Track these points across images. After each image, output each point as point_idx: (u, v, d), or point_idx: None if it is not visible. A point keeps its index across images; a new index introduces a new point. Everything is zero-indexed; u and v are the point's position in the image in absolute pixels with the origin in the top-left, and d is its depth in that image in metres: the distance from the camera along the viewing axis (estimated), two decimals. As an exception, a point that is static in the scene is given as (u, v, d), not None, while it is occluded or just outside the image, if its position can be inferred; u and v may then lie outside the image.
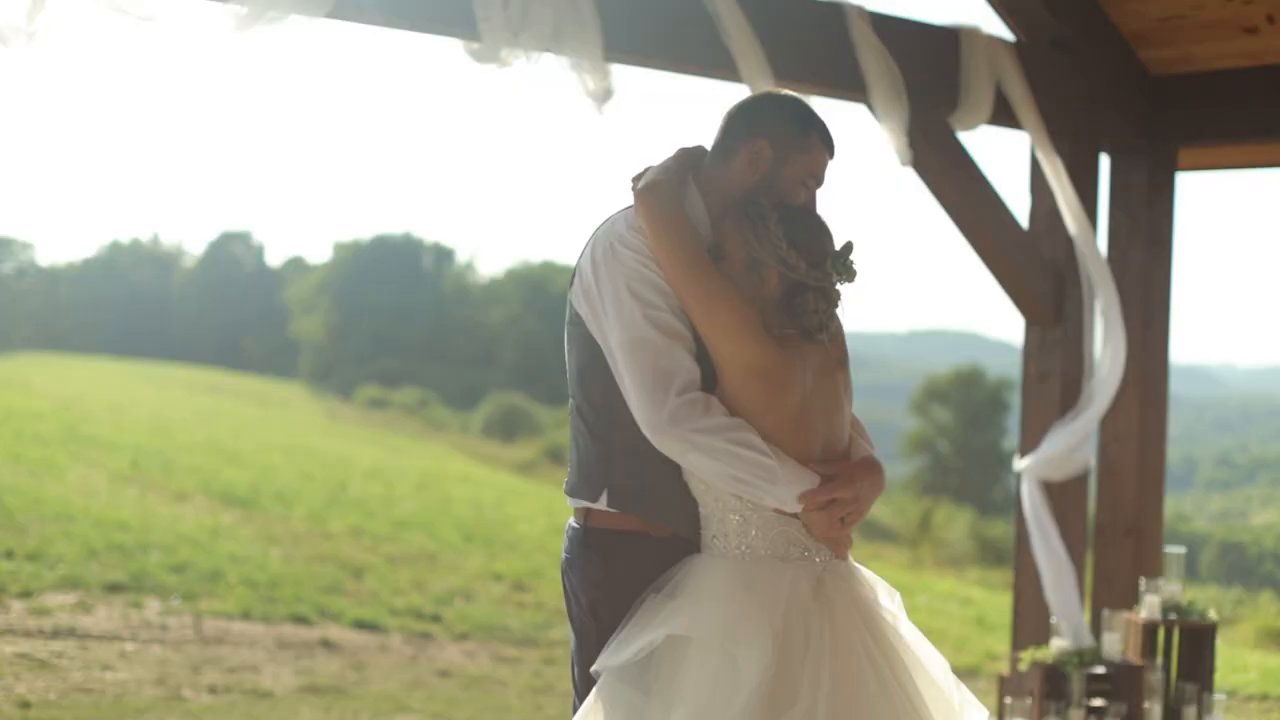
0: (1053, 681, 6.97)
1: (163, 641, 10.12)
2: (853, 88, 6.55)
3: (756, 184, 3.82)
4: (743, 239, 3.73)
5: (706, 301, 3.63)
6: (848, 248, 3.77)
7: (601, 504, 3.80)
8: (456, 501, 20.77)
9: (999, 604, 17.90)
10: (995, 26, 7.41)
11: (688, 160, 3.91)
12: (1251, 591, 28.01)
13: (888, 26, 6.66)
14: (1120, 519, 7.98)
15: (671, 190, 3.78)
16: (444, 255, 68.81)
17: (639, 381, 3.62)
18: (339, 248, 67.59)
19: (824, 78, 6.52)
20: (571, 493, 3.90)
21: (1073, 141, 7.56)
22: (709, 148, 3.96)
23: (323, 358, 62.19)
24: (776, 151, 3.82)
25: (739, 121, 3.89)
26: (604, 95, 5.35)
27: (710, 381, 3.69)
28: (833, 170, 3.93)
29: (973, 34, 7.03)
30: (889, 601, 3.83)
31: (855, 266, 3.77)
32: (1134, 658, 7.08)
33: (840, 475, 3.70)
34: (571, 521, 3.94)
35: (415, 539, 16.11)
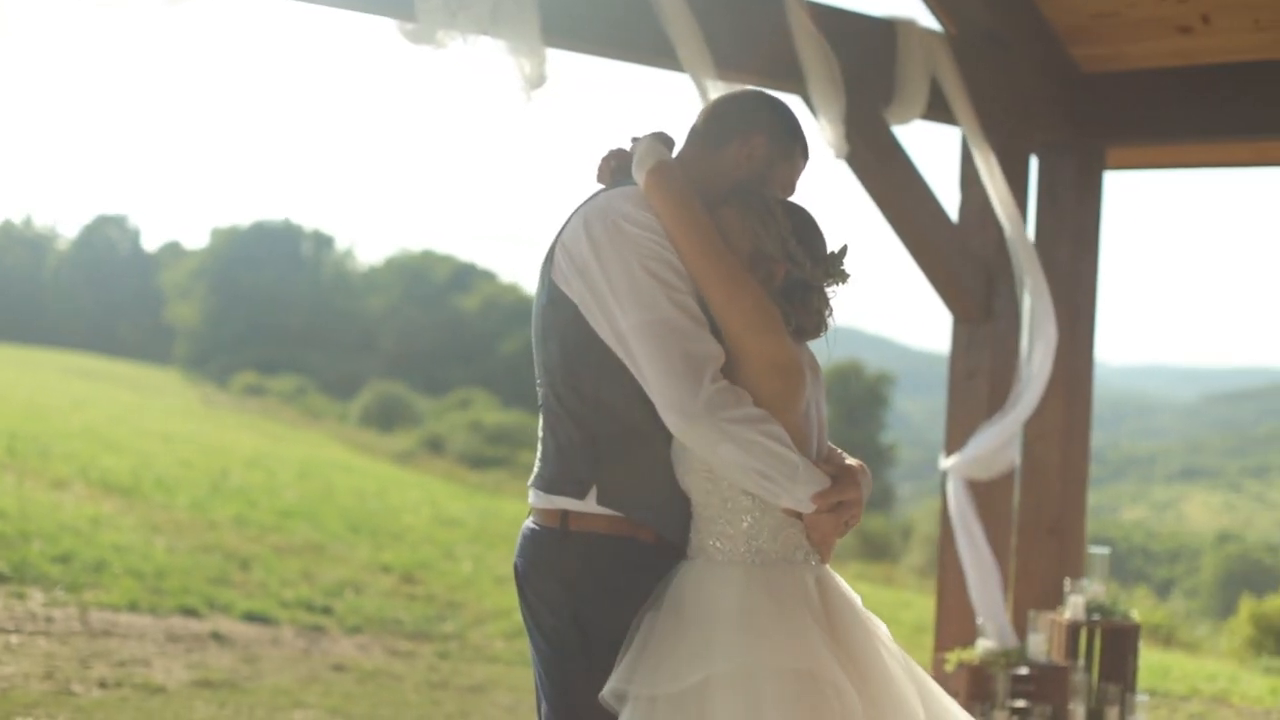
0: (979, 682, 6.94)
1: (49, 634, 9.84)
2: (790, 77, 6.45)
3: (744, 177, 3.69)
4: (750, 230, 3.57)
5: (733, 292, 3.45)
6: (844, 250, 3.65)
7: (589, 501, 3.54)
8: (339, 491, 20.56)
9: (885, 599, 17.97)
10: (928, 19, 7.37)
11: (664, 144, 3.71)
12: (1126, 587, 28.36)
13: (825, 17, 6.58)
14: (1044, 518, 7.96)
15: (681, 172, 3.60)
16: (323, 242, 68.27)
17: (667, 366, 3.39)
18: (217, 233, 66.79)
19: (762, 67, 6.43)
20: (548, 488, 3.62)
21: (1004, 137, 7.50)
22: (681, 135, 3.80)
23: (199, 344, 61.40)
24: (770, 151, 3.71)
25: (736, 113, 3.75)
26: (538, 81, 5.22)
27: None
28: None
29: (909, 26, 6.98)
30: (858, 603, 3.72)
31: (849, 270, 3.66)
32: (1059, 658, 7.07)
33: (846, 476, 3.55)
34: (535, 523, 3.67)
35: (300, 529, 15.89)
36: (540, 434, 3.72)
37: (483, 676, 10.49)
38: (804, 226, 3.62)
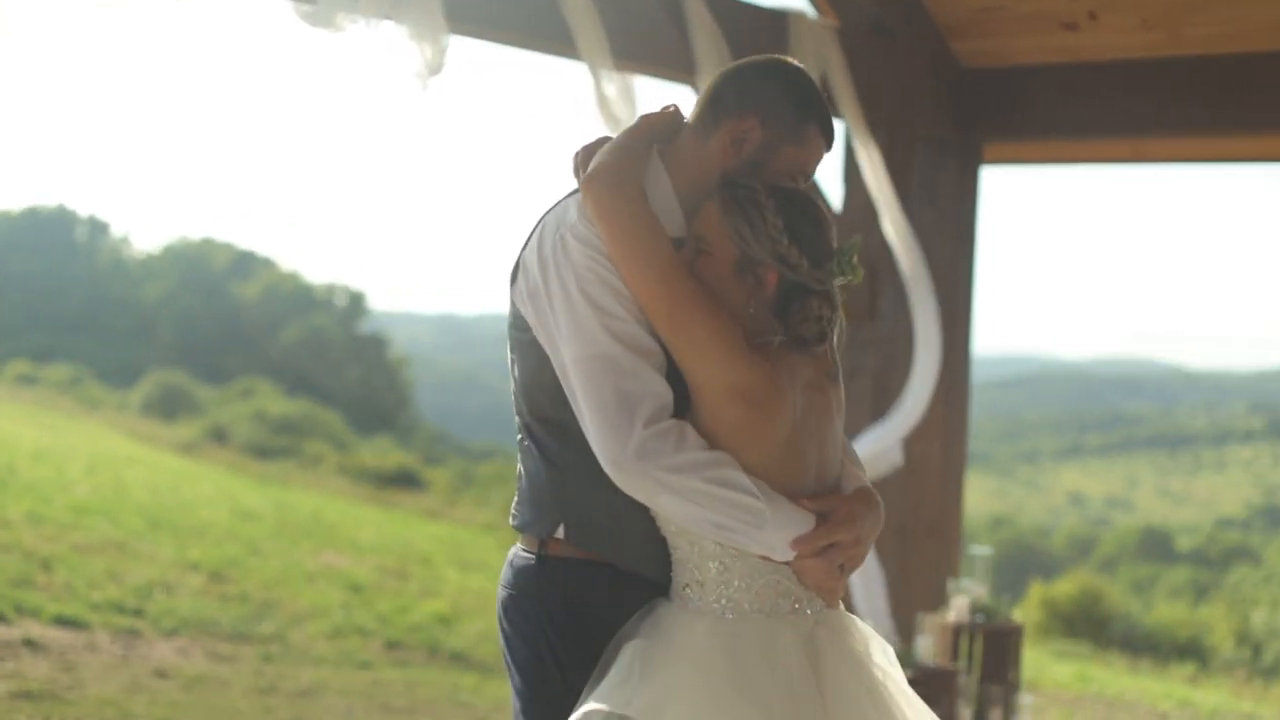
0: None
1: None
2: (684, 68, 6.31)
3: (736, 168, 3.22)
4: (734, 232, 3.11)
5: (676, 312, 3.03)
6: (854, 244, 3.21)
7: (558, 538, 3.23)
8: (131, 485, 19.92)
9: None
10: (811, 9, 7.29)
11: (654, 130, 3.30)
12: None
13: (721, 8, 6.42)
14: (923, 519, 7.90)
15: (627, 173, 3.14)
16: (98, 229, 66.62)
17: (598, 407, 3.02)
18: (-13, 218, 64.92)
19: (657, 57, 6.26)
20: (522, 527, 3.31)
21: (888, 132, 7.41)
22: (689, 115, 3.36)
23: (-33, 332, 59.57)
24: (767, 135, 3.22)
25: (730, 90, 3.28)
26: (437, 67, 4.98)
27: (683, 407, 3.10)
28: (826, 163, 3.36)
29: (800, 19, 6.87)
30: (882, 657, 3.29)
31: (858, 265, 3.20)
32: (944, 661, 7.03)
33: (839, 513, 3.15)
34: (520, 549, 3.33)
35: (98, 526, 15.31)
36: (518, 468, 3.38)
37: (310, 680, 10.18)
38: (801, 221, 3.16)
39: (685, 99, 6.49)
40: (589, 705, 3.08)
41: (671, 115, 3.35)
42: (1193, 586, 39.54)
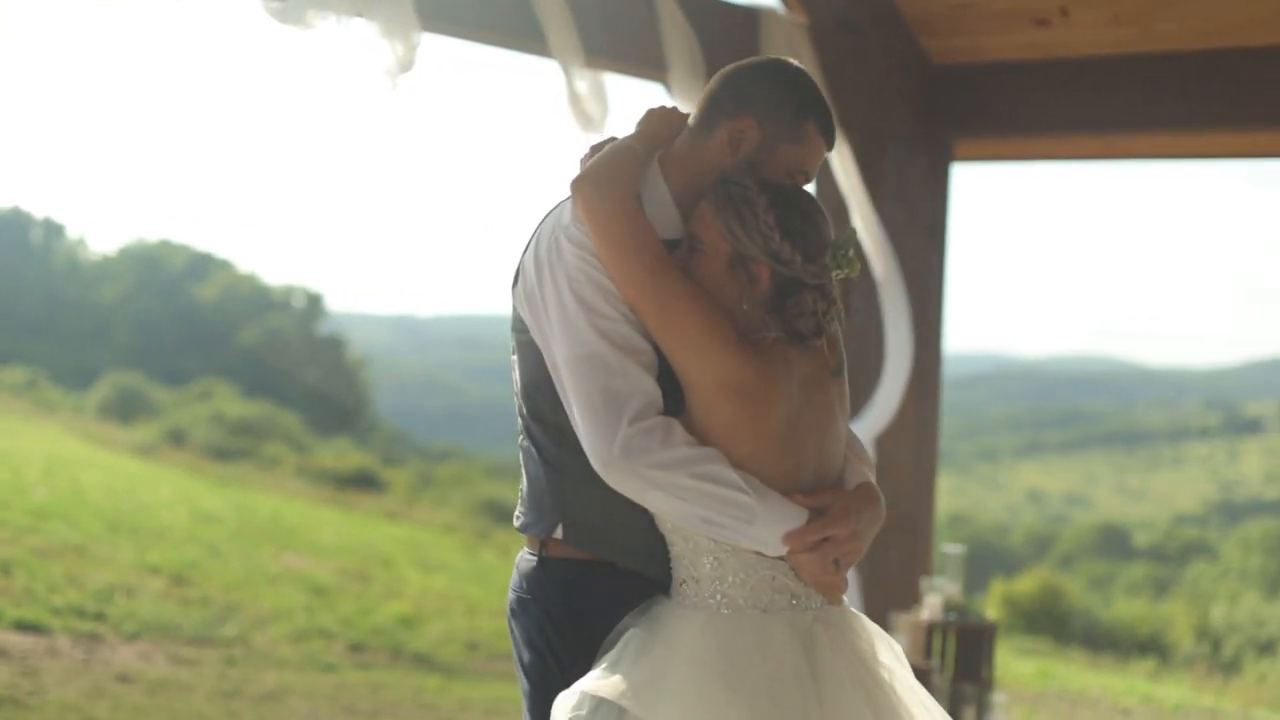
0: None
1: None
2: (656, 66, 6.26)
3: (733, 167, 3.20)
4: (726, 229, 3.09)
5: (666, 310, 3.04)
6: (849, 237, 3.19)
7: (557, 539, 3.23)
8: (90, 488, 19.78)
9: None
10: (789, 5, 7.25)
11: (655, 133, 3.31)
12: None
13: (692, 5, 6.38)
14: (895, 516, 7.83)
15: (618, 174, 3.16)
16: (54, 231, 66.23)
17: (587, 406, 3.03)
18: (-60, 219, 64.40)
19: (628, 55, 6.21)
20: (524, 529, 3.31)
21: (858, 129, 7.37)
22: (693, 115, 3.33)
23: (-80, 334, 59.13)
24: (764, 135, 3.20)
25: (727, 91, 3.26)
26: (408, 65, 4.92)
27: (677, 404, 3.10)
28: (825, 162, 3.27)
29: (771, 16, 6.84)
30: (889, 655, 3.24)
31: (855, 258, 3.19)
32: (917, 660, 7.00)
33: (834, 508, 3.11)
34: (525, 553, 3.32)
35: (57, 530, 15.19)
36: (521, 470, 3.38)
37: (274, 683, 10.12)
38: (793, 217, 3.13)
39: (658, 96, 6.52)
40: (576, 688, 3.07)
41: (674, 115, 3.36)
42: (1151, 583, 39.71)
